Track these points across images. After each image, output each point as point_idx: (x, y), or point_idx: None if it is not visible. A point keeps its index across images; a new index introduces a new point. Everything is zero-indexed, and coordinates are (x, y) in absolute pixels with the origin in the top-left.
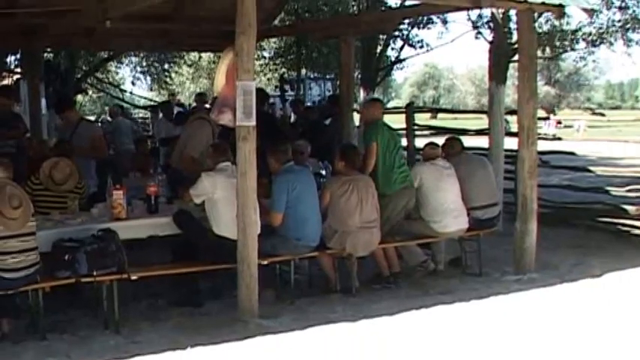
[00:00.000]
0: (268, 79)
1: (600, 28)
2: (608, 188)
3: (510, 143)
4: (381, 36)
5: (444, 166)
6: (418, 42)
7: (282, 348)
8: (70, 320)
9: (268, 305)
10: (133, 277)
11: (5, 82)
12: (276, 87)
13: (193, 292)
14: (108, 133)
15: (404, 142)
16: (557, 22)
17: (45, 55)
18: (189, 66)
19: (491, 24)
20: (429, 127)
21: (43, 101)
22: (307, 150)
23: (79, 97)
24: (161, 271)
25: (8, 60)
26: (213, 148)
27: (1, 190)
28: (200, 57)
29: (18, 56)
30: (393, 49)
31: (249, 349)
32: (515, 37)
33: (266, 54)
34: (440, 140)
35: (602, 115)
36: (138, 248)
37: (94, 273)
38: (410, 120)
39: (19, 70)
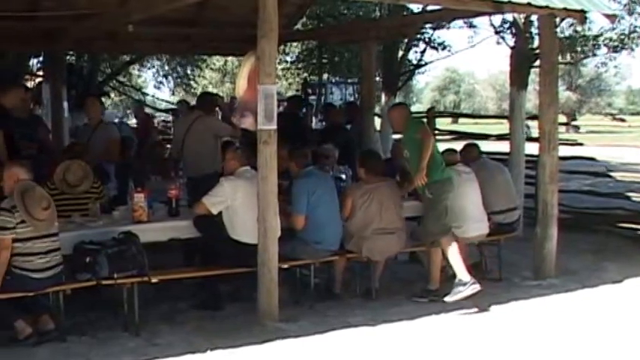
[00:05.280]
0: (289, 84)
1: (622, 33)
2: (629, 194)
3: (531, 148)
4: (403, 39)
5: (464, 170)
6: (440, 44)
7: (302, 352)
8: (90, 322)
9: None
10: (154, 280)
11: (28, 84)
12: (297, 91)
13: (213, 296)
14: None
15: None
16: (579, 28)
17: (67, 58)
18: (213, 70)
19: (513, 29)
20: (450, 132)
21: (65, 104)
22: (334, 155)
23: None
24: (181, 274)
25: (31, 63)
26: (233, 152)
27: (31, 192)
28: (226, 61)
29: (40, 59)
30: (415, 52)
31: (269, 352)
32: (536, 43)
33: (288, 58)
34: (461, 145)
35: (623, 120)
36: (159, 251)
37: (115, 276)
38: (431, 124)
39: (41, 72)
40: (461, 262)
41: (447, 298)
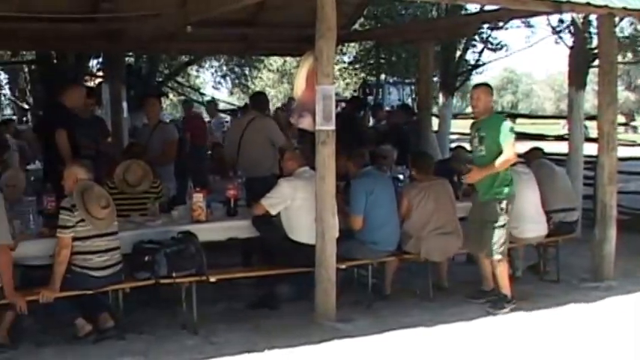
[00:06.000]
0: (347, 84)
1: None
2: None
3: (590, 149)
4: (460, 39)
5: (522, 171)
6: (497, 44)
7: (359, 352)
8: (149, 320)
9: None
10: (212, 280)
11: (88, 85)
12: (354, 91)
13: (271, 295)
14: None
15: None
16: (639, 27)
17: (126, 58)
18: (270, 71)
19: (572, 28)
20: None
21: (125, 104)
22: (392, 155)
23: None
24: (239, 273)
25: (90, 64)
26: (299, 151)
27: (90, 191)
28: (285, 62)
29: (100, 60)
30: (473, 52)
31: (326, 352)
32: (595, 42)
33: (345, 58)
34: (518, 145)
35: None
36: (217, 250)
37: (174, 275)
38: None
39: (101, 73)
40: (507, 280)
41: (488, 308)
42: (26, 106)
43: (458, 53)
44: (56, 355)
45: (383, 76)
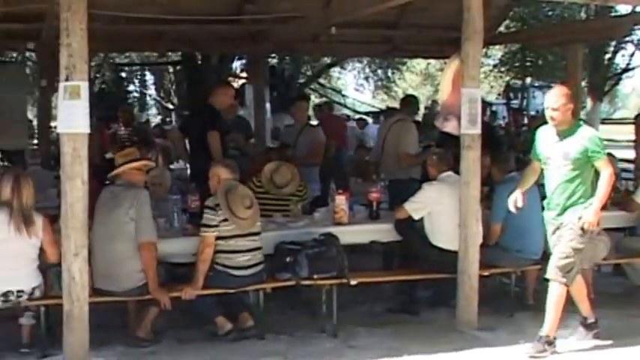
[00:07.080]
0: (491, 87)
1: None
2: None
3: None
4: (610, 42)
5: None
6: None
7: None
8: (288, 321)
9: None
10: (353, 282)
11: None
12: (498, 94)
13: (411, 300)
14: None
15: (632, 154)
16: None
17: (269, 60)
18: (414, 73)
19: None
20: None
21: (268, 105)
22: None
23: None
24: (380, 277)
25: (233, 65)
26: (437, 157)
27: (233, 191)
28: (428, 64)
29: (243, 61)
30: (623, 55)
31: None
32: None
33: (490, 61)
34: None
35: None
36: (358, 253)
37: (314, 276)
38: (639, 132)
39: (244, 74)
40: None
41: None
42: (170, 106)
43: (607, 56)
44: (197, 352)
45: (528, 80)
